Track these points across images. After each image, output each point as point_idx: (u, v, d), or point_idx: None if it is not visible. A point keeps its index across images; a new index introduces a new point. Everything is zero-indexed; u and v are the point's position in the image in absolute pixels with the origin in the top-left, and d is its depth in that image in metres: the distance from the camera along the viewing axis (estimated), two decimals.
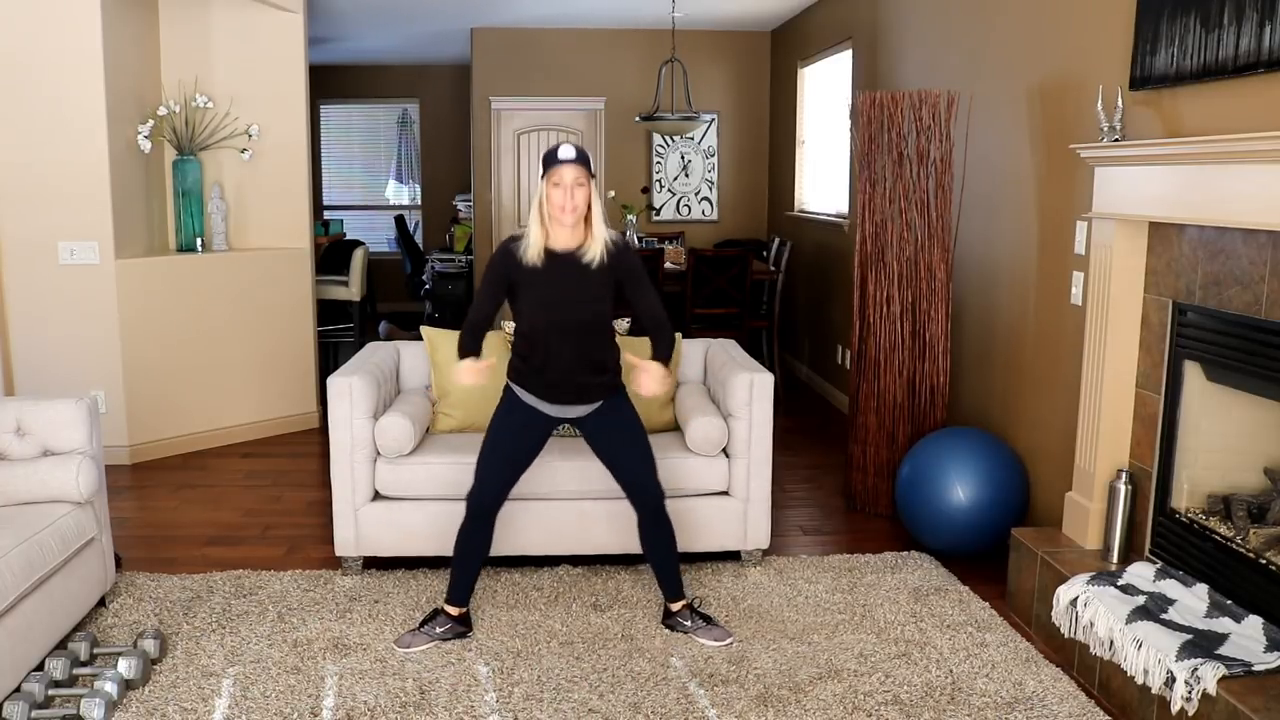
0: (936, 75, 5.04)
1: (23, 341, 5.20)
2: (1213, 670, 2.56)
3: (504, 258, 3.23)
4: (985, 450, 4.03)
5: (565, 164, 3.10)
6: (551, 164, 3.12)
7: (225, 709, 2.96)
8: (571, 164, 3.10)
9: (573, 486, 3.84)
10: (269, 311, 5.92)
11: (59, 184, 5.11)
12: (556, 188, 3.10)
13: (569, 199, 3.10)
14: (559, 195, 3.10)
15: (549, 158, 3.13)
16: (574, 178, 3.10)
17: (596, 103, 8.68)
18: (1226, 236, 2.95)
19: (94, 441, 3.48)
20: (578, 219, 3.14)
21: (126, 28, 5.38)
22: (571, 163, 3.10)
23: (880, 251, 4.55)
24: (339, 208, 11.35)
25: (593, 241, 3.17)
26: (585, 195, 3.12)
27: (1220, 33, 2.91)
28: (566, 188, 3.10)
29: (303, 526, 4.50)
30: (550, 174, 3.11)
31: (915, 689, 3.08)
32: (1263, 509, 3.07)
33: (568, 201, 3.10)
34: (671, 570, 3.46)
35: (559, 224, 3.14)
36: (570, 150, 3.12)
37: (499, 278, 3.24)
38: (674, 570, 3.47)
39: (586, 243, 3.18)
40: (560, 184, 3.10)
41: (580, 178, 3.11)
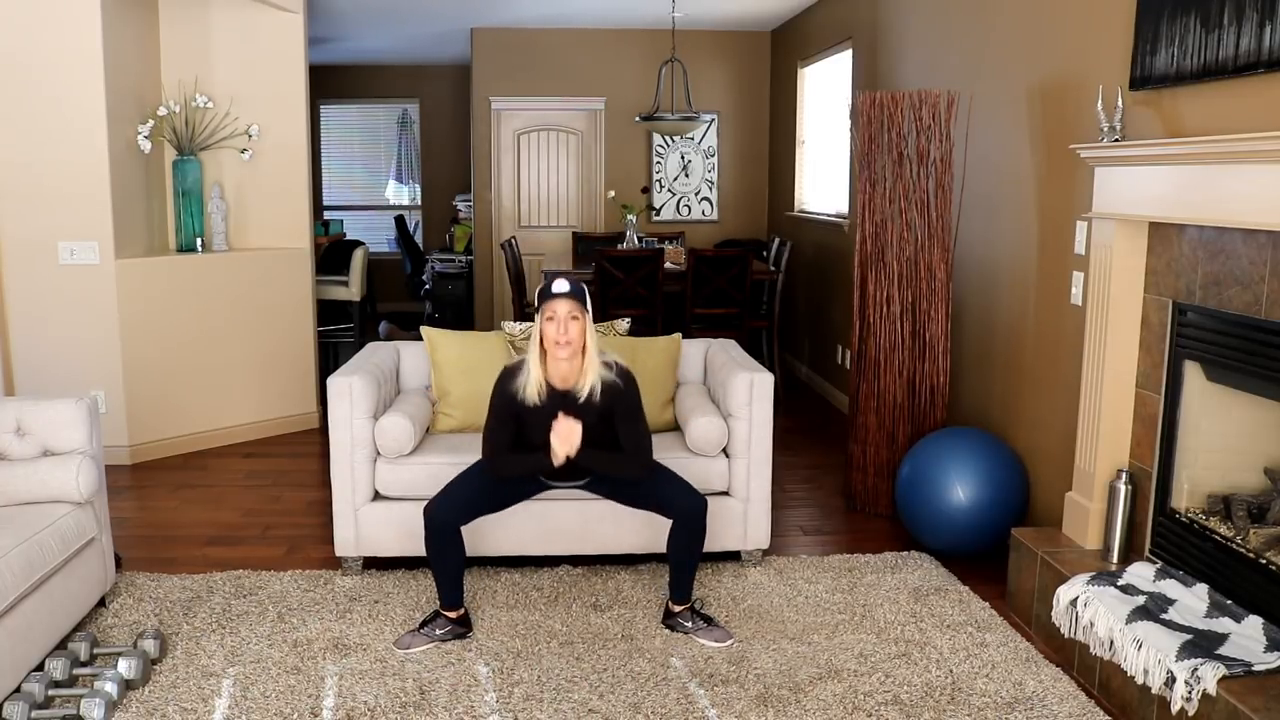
0: (936, 75, 5.04)
1: (23, 341, 5.20)
2: (1213, 670, 2.56)
3: (507, 396, 3.33)
4: (985, 450, 4.03)
5: (559, 298, 3.19)
6: (545, 298, 3.21)
7: (225, 709, 2.96)
8: (565, 298, 3.18)
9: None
10: (269, 311, 5.92)
11: (59, 184, 5.11)
12: (550, 322, 3.19)
13: (563, 333, 3.18)
14: (553, 330, 3.19)
15: (543, 292, 3.24)
16: (567, 311, 3.18)
17: (596, 103, 8.69)
18: (1226, 236, 2.95)
19: (94, 441, 3.48)
20: (573, 352, 3.23)
21: (126, 28, 5.38)
22: (565, 297, 3.19)
23: (880, 251, 4.55)
24: (339, 208, 11.36)
25: (586, 378, 3.27)
26: (580, 329, 3.21)
27: (1220, 33, 2.91)
28: (560, 321, 3.18)
29: (303, 526, 4.50)
30: (544, 308, 3.20)
31: (915, 689, 3.08)
32: (1263, 509, 3.07)
33: (562, 336, 3.18)
34: (689, 574, 3.47)
35: (554, 357, 3.23)
36: (564, 285, 3.21)
37: (507, 413, 3.34)
38: (691, 575, 3.47)
39: (581, 380, 3.27)
40: (554, 318, 3.18)
41: (574, 311, 3.19)
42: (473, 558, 3.80)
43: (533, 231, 8.92)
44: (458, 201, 10.34)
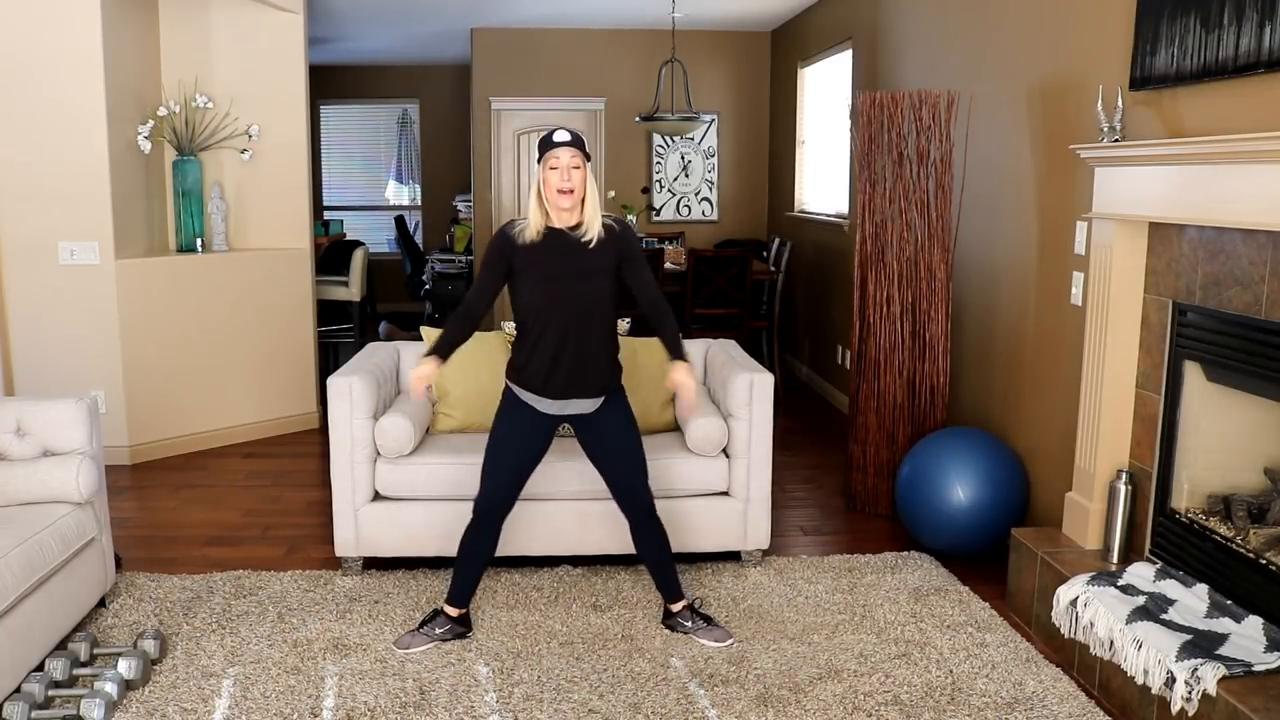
0: (936, 75, 5.04)
1: (23, 341, 5.20)
2: (1213, 670, 2.56)
3: (502, 239, 3.24)
4: (985, 450, 4.03)
5: (561, 146, 3.13)
6: (547, 147, 3.15)
7: (225, 709, 2.96)
8: (567, 146, 3.13)
9: (573, 487, 3.84)
10: (269, 311, 5.92)
11: (59, 184, 5.11)
12: (553, 170, 3.13)
13: (565, 180, 3.12)
14: (555, 177, 3.13)
15: (545, 141, 3.16)
16: (569, 159, 3.13)
17: (596, 103, 8.68)
18: (1226, 236, 2.95)
19: (94, 441, 3.48)
20: (575, 201, 3.16)
21: (126, 28, 5.38)
22: (567, 145, 3.13)
23: (880, 251, 4.55)
24: (339, 208, 11.35)
25: (592, 221, 3.19)
26: (581, 177, 3.15)
27: (1220, 33, 2.91)
28: (563, 169, 3.12)
29: (303, 526, 4.50)
30: (546, 158, 3.14)
31: (915, 689, 3.08)
32: (1263, 509, 3.07)
33: (565, 184, 3.12)
34: (668, 572, 3.46)
35: (557, 207, 3.16)
36: (565, 133, 3.16)
37: (498, 259, 3.24)
38: (670, 571, 3.47)
39: (585, 223, 3.20)
40: (557, 166, 3.12)
41: (576, 160, 3.14)
42: None
43: None
44: (458, 201, 10.34)
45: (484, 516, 3.35)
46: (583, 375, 3.26)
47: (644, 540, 3.43)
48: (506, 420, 3.34)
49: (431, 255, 9.92)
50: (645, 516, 3.39)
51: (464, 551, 3.39)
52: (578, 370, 3.24)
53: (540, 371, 3.24)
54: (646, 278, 3.31)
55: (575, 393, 3.28)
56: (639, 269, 3.29)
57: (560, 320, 3.19)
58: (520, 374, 3.29)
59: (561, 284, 3.18)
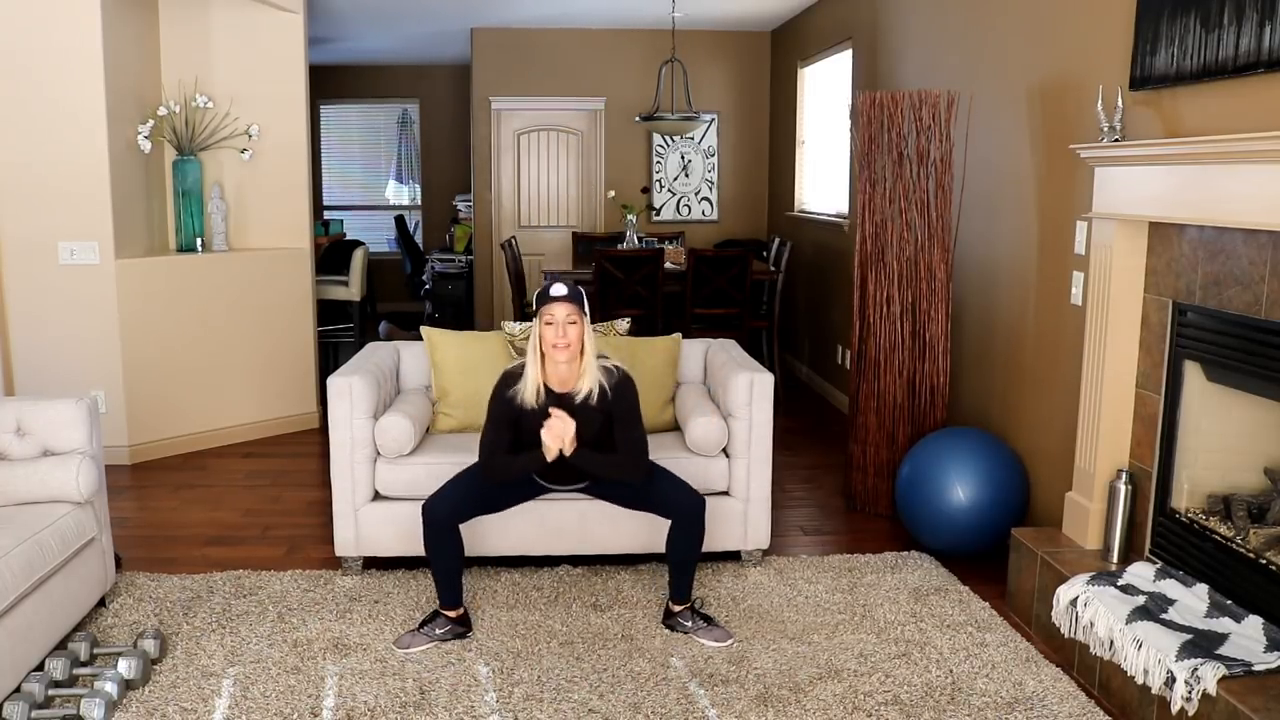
0: (936, 75, 5.04)
1: (23, 341, 5.20)
2: (1213, 670, 2.56)
3: (504, 403, 3.33)
4: (985, 450, 4.03)
5: (557, 301, 3.20)
6: (543, 302, 3.22)
7: (225, 709, 2.96)
8: (563, 301, 3.20)
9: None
10: (269, 311, 5.92)
11: (59, 184, 5.12)
12: (549, 326, 3.21)
13: (561, 337, 3.20)
14: (551, 334, 3.21)
15: (542, 295, 3.24)
16: (565, 315, 3.20)
17: (596, 103, 8.68)
18: (1226, 236, 2.95)
19: (94, 441, 3.48)
20: (571, 355, 3.24)
21: (126, 28, 5.38)
22: (563, 301, 3.20)
23: (880, 251, 4.55)
24: (339, 208, 11.36)
25: (584, 380, 3.28)
26: (578, 332, 3.23)
27: (1220, 33, 2.91)
28: (559, 325, 3.20)
29: (303, 526, 4.50)
30: (542, 312, 3.22)
31: (915, 689, 3.08)
32: (1263, 509, 3.07)
33: (560, 339, 3.20)
34: (688, 574, 3.47)
35: (553, 360, 3.25)
36: (562, 288, 3.22)
37: (506, 419, 3.34)
38: (690, 574, 3.48)
39: (579, 382, 3.28)
40: (553, 322, 3.20)
41: (572, 315, 3.21)
42: (472, 558, 3.80)
43: (533, 231, 8.92)
44: (458, 201, 10.34)
45: (430, 522, 3.35)
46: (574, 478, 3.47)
47: (680, 539, 3.43)
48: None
49: (431, 255, 9.92)
50: (692, 520, 3.41)
51: (431, 557, 3.41)
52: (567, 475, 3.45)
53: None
54: (633, 434, 3.36)
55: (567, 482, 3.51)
56: (627, 429, 3.36)
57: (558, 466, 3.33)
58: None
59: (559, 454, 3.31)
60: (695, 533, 3.41)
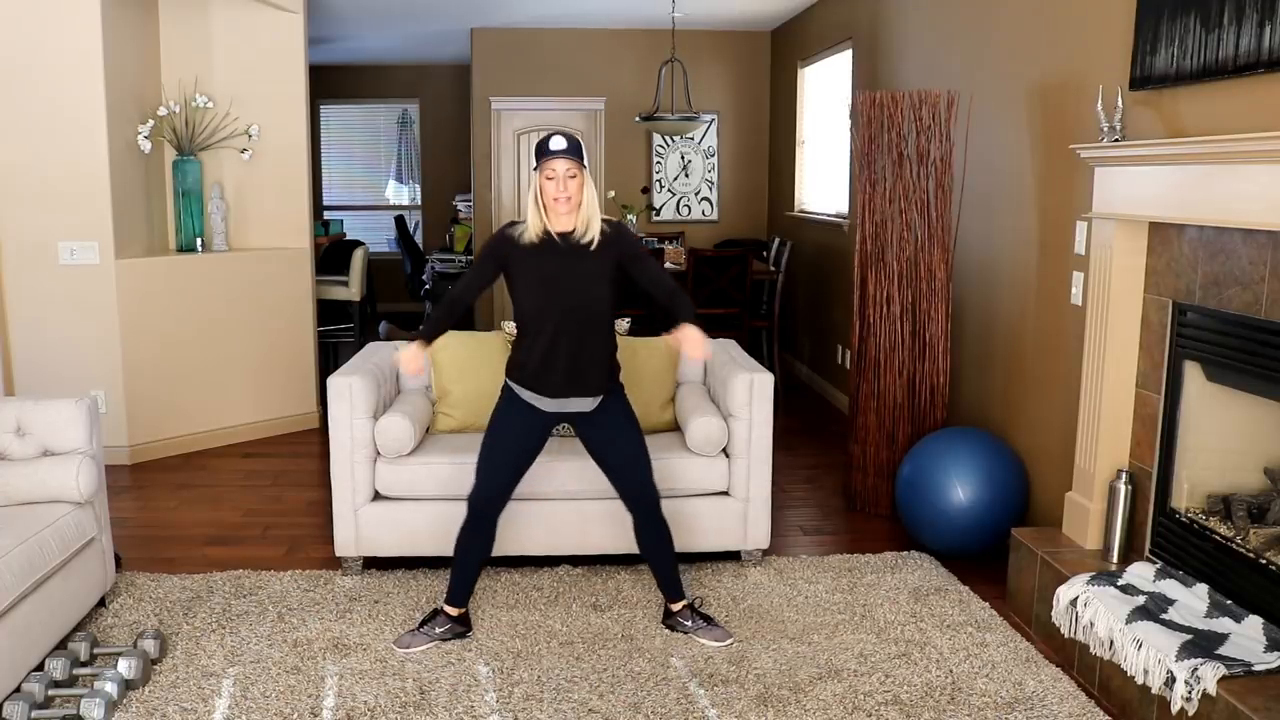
0: (936, 75, 5.04)
1: (23, 341, 5.20)
2: (1213, 670, 2.56)
3: (501, 239, 3.26)
4: (985, 450, 4.03)
5: (557, 155, 3.12)
6: (543, 155, 3.15)
7: (225, 709, 2.96)
8: (563, 156, 3.12)
9: (573, 486, 3.84)
10: (269, 311, 5.92)
11: (59, 184, 5.11)
12: (550, 180, 3.14)
13: (562, 190, 3.13)
14: (552, 187, 3.14)
15: (541, 148, 3.16)
16: (565, 169, 3.13)
17: (596, 103, 8.68)
18: (1226, 236, 2.95)
19: (94, 441, 3.48)
20: (572, 208, 3.17)
21: (126, 28, 5.38)
22: (563, 154, 3.12)
23: (880, 251, 4.55)
24: (339, 208, 11.35)
25: (590, 225, 3.20)
26: (578, 184, 3.16)
27: (1220, 33, 2.91)
28: (559, 179, 3.13)
29: (303, 526, 4.50)
30: (543, 167, 3.14)
31: (915, 689, 3.08)
32: (1263, 509, 3.07)
33: (561, 192, 3.13)
34: (670, 571, 3.46)
35: (555, 212, 3.18)
36: (561, 141, 3.14)
37: (494, 257, 3.26)
38: (672, 570, 3.47)
39: (583, 227, 3.20)
40: (553, 176, 3.13)
41: (572, 168, 3.14)
42: None
43: None
44: (458, 201, 10.34)
45: (478, 512, 3.35)
46: (580, 375, 3.27)
47: (646, 537, 3.42)
48: (504, 416, 3.35)
49: (431, 255, 9.92)
50: (649, 513, 3.39)
51: (460, 550, 3.39)
52: (575, 370, 3.25)
53: (538, 370, 3.25)
54: (655, 271, 3.30)
55: (573, 391, 3.28)
56: (646, 265, 3.29)
57: (558, 321, 3.20)
58: (519, 372, 3.29)
59: (559, 286, 3.19)
60: (658, 527, 3.40)
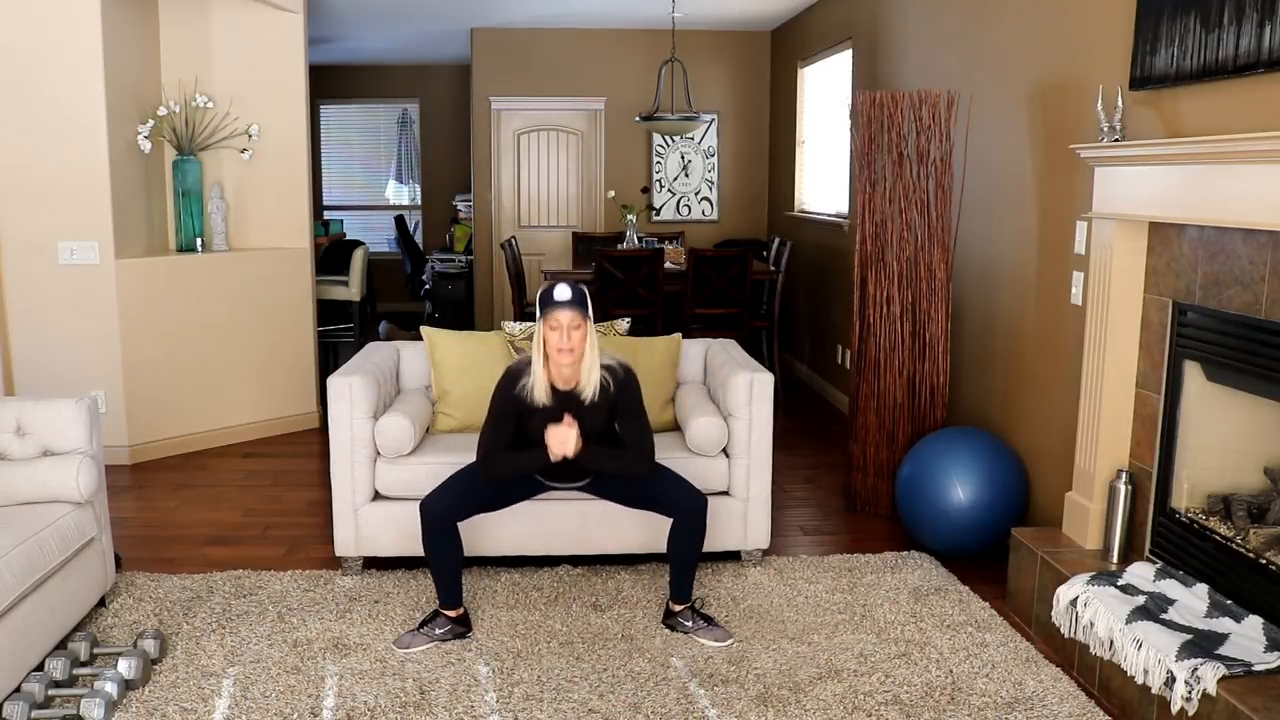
0: (936, 75, 5.04)
1: (23, 341, 5.20)
2: (1213, 670, 2.56)
3: (512, 398, 3.32)
4: (985, 450, 4.03)
5: (561, 307, 3.19)
6: (548, 306, 3.21)
7: (225, 709, 2.96)
8: (567, 308, 3.19)
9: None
10: (269, 311, 5.92)
11: (59, 184, 5.11)
12: (554, 331, 3.21)
13: (566, 342, 3.20)
14: (556, 338, 3.21)
15: (545, 298, 3.23)
16: (569, 320, 3.20)
17: (596, 103, 8.68)
18: (1226, 236, 2.95)
19: (94, 441, 3.48)
20: (576, 359, 3.24)
21: (126, 28, 5.38)
22: (567, 306, 3.19)
23: (880, 251, 4.56)
24: (339, 208, 11.36)
25: (589, 379, 3.28)
26: (581, 336, 3.22)
27: (1220, 33, 2.91)
28: (563, 330, 3.20)
29: (303, 526, 4.50)
30: (547, 318, 3.21)
31: (915, 689, 3.08)
32: (1263, 509, 3.07)
33: (565, 344, 3.20)
34: (689, 573, 3.47)
35: (558, 363, 3.25)
36: (566, 291, 3.21)
37: (509, 414, 3.34)
38: (691, 574, 3.48)
39: (583, 381, 3.28)
40: (557, 327, 3.20)
41: (576, 320, 3.20)
42: (472, 558, 3.80)
43: (533, 231, 8.92)
44: (458, 201, 10.35)
45: (428, 520, 3.34)
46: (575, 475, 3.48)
47: (681, 537, 3.43)
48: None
49: (431, 255, 9.93)
50: (694, 519, 3.41)
51: (429, 556, 3.40)
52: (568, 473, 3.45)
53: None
54: (636, 426, 3.37)
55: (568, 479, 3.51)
56: (630, 421, 3.36)
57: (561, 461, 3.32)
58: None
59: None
60: (697, 532, 3.41)
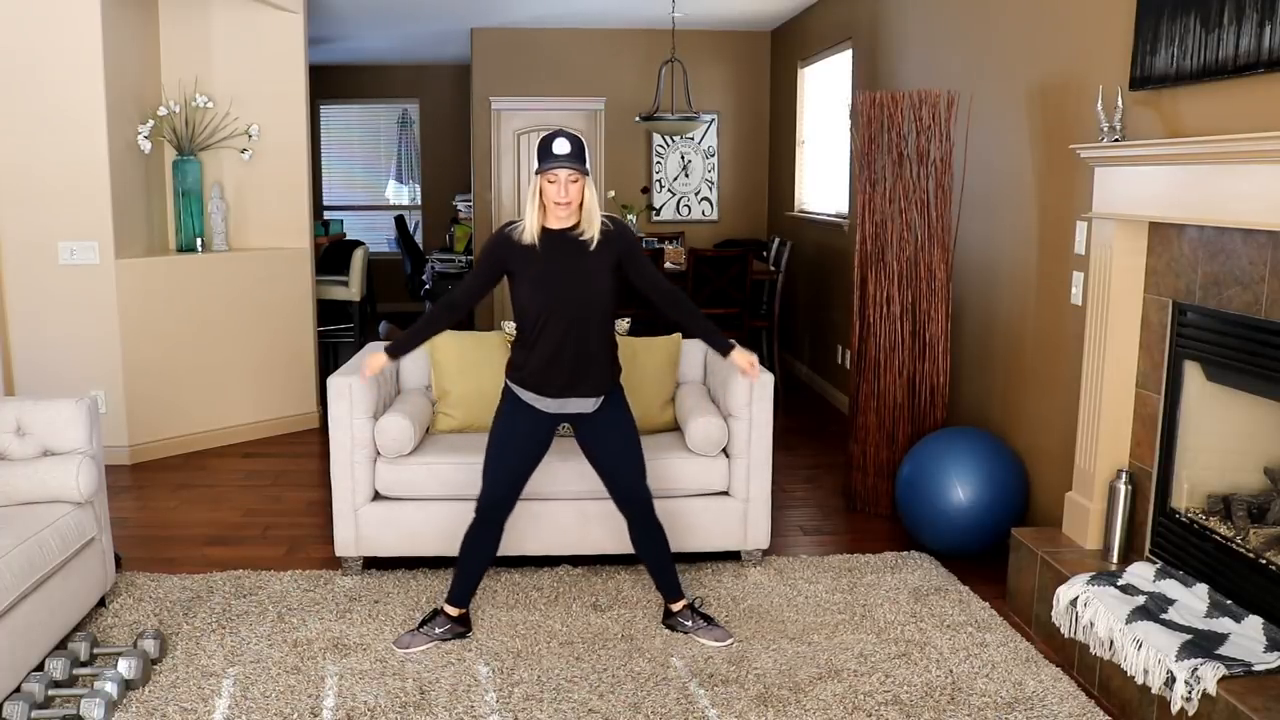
0: (936, 75, 5.04)
1: (23, 341, 5.20)
2: (1213, 670, 2.56)
3: (500, 240, 3.23)
4: (985, 450, 4.03)
5: (560, 162, 3.07)
6: (545, 158, 3.09)
7: (225, 709, 2.96)
8: (565, 164, 3.07)
9: (573, 487, 3.83)
10: (269, 311, 5.92)
11: (59, 184, 5.11)
12: (551, 185, 3.11)
13: (563, 195, 3.10)
14: (553, 191, 3.11)
15: (543, 150, 3.10)
16: (568, 175, 3.10)
17: (596, 103, 8.68)
18: (1226, 236, 2.95)
19: (94, 441, 3.48)
20: (572, 210, 3.15)
21: (126, 28, 5.38)
22: (565, 160, 3.07)
23: (880, 251, 4.55)
24: (339, 208, 11.35)
25: (590, 225, 3.17)
26: (579, 189, 3.12)
27: (1220, 33, 2.91)
28: (561, 184, 3.10)
29: (303, 526, 4.50)
30: (545, 171, 3.10)
31: (915, 689, 3.08)
32: (1263, 509, 3.07)
33: (562, 197, 3.10)
34: (667, 571, 3.46)
35: (554, 214, 3.16)
36: (565, 145, 3.08)
37: (494, 258, 3.24)
38: (670, 571, 3.47)
39: (584, 226, 3.17)
40: (555, 181, 3.10)
41: (574, 174, 3.10)
42: None
43: None
44: (458, 201, 10.34)
45: (486, 516, 3.35)
46: (581, 374, 3.25)
47: (642, 539, 3.43)
48: (506, 419, 3.34)
49: (431, 255, 9.92)
50: (644, 515, 3.39)
51: (466, 552, 3.39)
52: (576, 369, 3.24)
53: (539, 371, 3.24)
54: (651, 272, 3.30)
55: (574, 392, 3.27)
56: (642, 265, 3.28)
57: (558, 320, 3.18)
58: (519, 373, 3.29)
59: (560, 283, 3.17)
60: (652, 528, 3.40)
